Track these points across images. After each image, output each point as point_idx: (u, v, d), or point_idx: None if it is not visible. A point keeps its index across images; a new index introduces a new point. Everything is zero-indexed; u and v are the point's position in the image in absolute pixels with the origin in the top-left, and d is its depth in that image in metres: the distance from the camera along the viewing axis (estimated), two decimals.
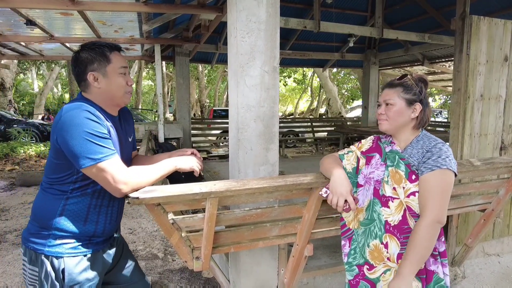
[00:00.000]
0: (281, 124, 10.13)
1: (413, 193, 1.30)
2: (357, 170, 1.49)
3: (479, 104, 2.70)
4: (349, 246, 1.48)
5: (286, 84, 21.23)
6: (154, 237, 3.72)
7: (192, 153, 1.58)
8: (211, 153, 8.73)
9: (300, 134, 10.86)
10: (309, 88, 24.16)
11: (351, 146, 1.59)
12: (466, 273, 2.72)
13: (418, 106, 1.36)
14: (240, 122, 1.90)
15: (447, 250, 2.76)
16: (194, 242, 1.54)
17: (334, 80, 19.87)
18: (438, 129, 8.08)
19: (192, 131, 7.60)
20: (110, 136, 1.28)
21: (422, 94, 1.37)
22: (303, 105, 29.15)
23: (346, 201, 1.36)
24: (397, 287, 1.23)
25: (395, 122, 1.37)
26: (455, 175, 1.30)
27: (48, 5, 3.21)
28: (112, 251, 1.47)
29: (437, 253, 1.34)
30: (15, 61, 12.83)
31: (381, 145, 1.46)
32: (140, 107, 19.49)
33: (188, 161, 1.46)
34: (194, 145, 7.42)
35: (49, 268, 1.28)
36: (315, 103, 23.60)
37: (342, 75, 20.47)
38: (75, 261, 1.30)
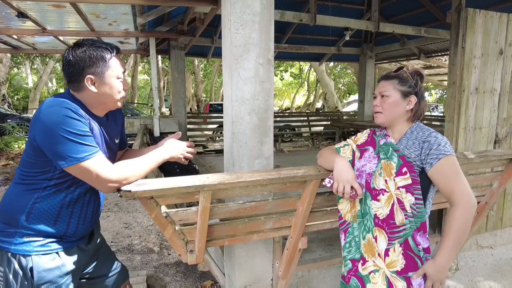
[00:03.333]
0: (278, 119, 10.15)
1: (398, 188, 1.30)
2: (353, 163, 1.49)
3: (474, 97, 2.70)
4: (345, 239, 1.48)
5: (283, 78, 21.17)
6: (149, 231, 3.71)
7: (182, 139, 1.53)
8: (207, 147, 8.71)
9: (296, 129, 10.86)
10: (305, 83, 24.12)
11: (348, 140, 1.59)
12: (459, 265, 2.75)
13: (413, 99, 1.36)
14: (234, 115, 1.88)
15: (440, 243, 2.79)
16: (188, 236, 1.54)
17: (330, 74, 19.83)
18: (434, 123, 8.10)
19: (188, 126, 7.56)
20: (92, 134, 1.23)
21: (417, 87, 1.38)
22: (300, 100, 29.12)
23: (352, 187, 1.35)
24: (435, 274, 1.23)
25: (391, 114, 1.37)
26: None
27: None
28: (88, 247, 1.42)
29: (420, 249, 1.32)
30: (8, 55, 12.67)
31: (375, 138, 1.46)
32: (136, 102, 19.37)
33: (176, 148, 1.42)
34: (190, 139, 7.39)
35: (17, 266, 1.22)
36: (311, 98, 23.58)
37: (338, 70, 20.44)
38: (44, 259, 1.25)
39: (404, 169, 1.31)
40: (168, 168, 2.58)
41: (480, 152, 2.08)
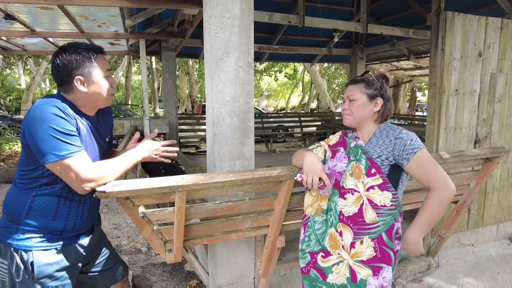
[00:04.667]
0: (271, 119, 10.18)
1: (372, 187, 1.34)
2: (325, 162, 1.54)
3: (454, 98, 2.76)
4: (304, 233, 1.53)
5: (277, 79, 21.21)
6: (138, 232, 3.73)
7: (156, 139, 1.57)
8: (200, 148, 8.72)
9: (290, 129, 10.91)
10: (300, 83, 24.20)
11: (321, 142, 1.65)
12: (441, 263, 2.81)
13: (380, 101, 1.42)
14: (215, 117, 1.92)
15: (422, 241, 2.85)
16: (166, 235, 1.57)
17: (325, 75, 19.92)
18: (425, 123, 8.18)
19: (181, 126, 7.57)
20: (79, 134, 1.28)
21: (383, 89, 1.44)
22: (295, 100, 29.21)
23: (320, 179, 1.40)
24: (410, 239, 1.32)
25: (358, 116, 1.43)
26: None
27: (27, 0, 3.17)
28: (87, 243, 1.47)
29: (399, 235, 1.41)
30: (0, 56, 12.58)
31: (346, 140, 1.52)
32: (129, 103, 19.29)
33: (148, 148, 1.45)
34: (182, 140, 7.41)
35: (19, 261, 1.29)
36: (306, 98, 23.67)
37: (332, 70, 20.54)
38: (44, 254, 1.31)
39: (373, 170, 1.35)
40: (153, 169, 2.61)
41: (455, 152, 2.13)
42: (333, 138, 1.59)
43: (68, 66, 1.29)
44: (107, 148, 1.57)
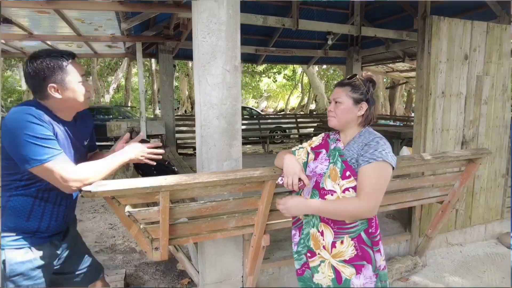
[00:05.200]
0: (268, 120, 10.26)
1: (347, 189, 1.39)
2: (307, 164, 1.59)
3: (440, 100, 2.82)
4: (299, 236, 1.58)
5: (276, 80, 21.26)
6: None
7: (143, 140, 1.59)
8: None
9: (287, 130, 10.99)
10: (299, 84, 24.27)
11: (303, 143, 1.69)
12: (428, 262, 2.86)
13: (364, 105, 1.45)
14: (203, 119, 1.98)
15: (410, 241, 2.90)
16: (152, 234, 1.63)
17: (323, 76, 19.99)
18: None
19: (179, 128, 7.62)
20: (56, 138, 1.32)
21: (368, 94, 1.46)
22: (294, 101, 29.27)
23: (300, 179, 1.44)
24: (296, 201, 1.40)
25: (342, 119, 1.46)
26: (393, 168, 1.38)
27: (23, 4, 3.24)
28: (61, 243, 1.50)
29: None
30: (1, 57, 12.66)
31: (329, 141, 1.57)
32: (129, 104, 19.35)
33: (133, 150, 1.48)
34: (179, 141, 7.46)
35: None
36: (305, 99, 23.73)
37: (331, 72, 20.60)
38: (17, 253, 1.33)
39: (348, 173, 1.40)
40: (145, 170, 2.65)
41: (437, 153, 2.19)
42: (316, 140, 1.63)
43: (40, 74, 1.29)
44: (86, 152, 1.60)
